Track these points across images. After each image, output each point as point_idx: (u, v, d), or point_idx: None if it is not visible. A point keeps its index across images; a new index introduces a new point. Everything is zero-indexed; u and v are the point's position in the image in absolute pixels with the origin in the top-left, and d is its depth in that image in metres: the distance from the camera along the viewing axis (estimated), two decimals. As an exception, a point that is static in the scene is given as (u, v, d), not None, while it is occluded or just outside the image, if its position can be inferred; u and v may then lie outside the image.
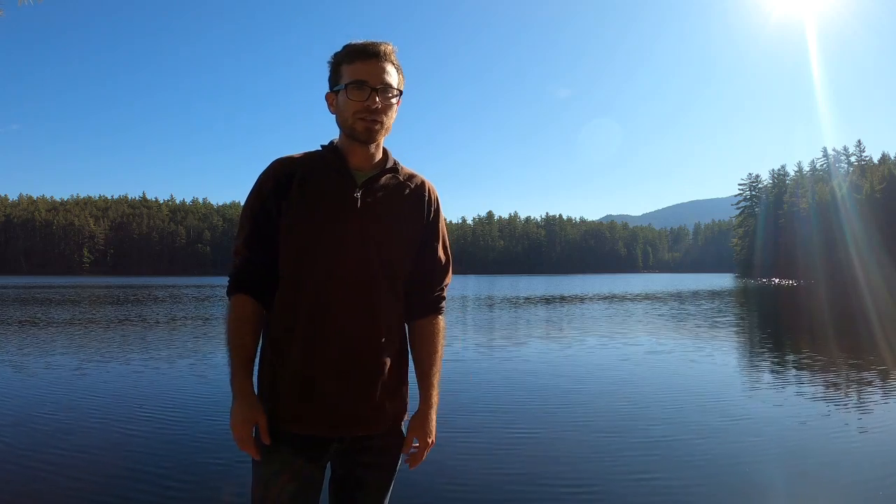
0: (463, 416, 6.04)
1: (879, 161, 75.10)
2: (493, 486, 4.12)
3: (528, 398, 6.95)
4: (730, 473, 4.33)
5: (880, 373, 8.43)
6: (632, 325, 15.69)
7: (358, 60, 1.65)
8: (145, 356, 10.08)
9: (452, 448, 4.94)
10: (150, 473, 4.34)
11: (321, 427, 1.63)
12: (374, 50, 1.65)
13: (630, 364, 9.41)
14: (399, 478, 1.81)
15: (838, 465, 4.53)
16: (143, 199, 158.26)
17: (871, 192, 66.11)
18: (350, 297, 1.63)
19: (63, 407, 6.46)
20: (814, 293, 36.79)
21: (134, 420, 5.91)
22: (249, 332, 1.66)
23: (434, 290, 1.83)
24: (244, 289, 1.68)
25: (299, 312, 1.63)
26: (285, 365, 1.64)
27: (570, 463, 4.59)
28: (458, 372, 8.56)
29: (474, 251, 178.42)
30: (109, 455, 4.76)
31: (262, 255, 1.68)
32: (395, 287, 1.71)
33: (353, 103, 1.63)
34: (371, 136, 1.66)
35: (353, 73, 1.64)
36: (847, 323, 17.12)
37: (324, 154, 1.72)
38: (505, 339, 12.83)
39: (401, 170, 1.77)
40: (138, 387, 7.57)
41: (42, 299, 28.71)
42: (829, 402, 6.66)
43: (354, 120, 1.65)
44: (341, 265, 1.63)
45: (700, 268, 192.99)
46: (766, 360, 9.94)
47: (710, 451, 4.84)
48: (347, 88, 1.63)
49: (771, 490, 4.08)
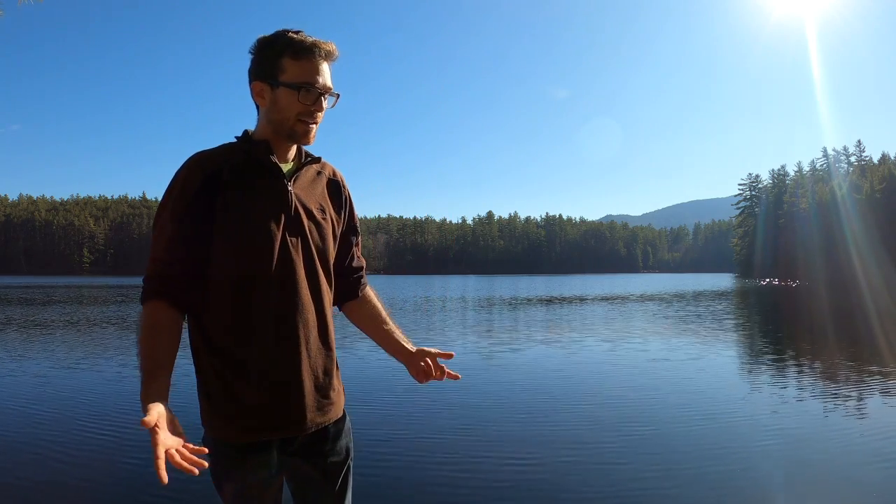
0: (464, 416, 6.04)
1: (879, 161, 75.12)
2: (493, 486, 4.12)
3: (528, 398, 6.95)
4: (730, 473, 4.32)
5: (880, 373, 8.42)
6: (632, 326, 15.69)
7: (306, 59, 1.57)
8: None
9: (453, 448, 4.93)
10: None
11: (292, 428, 1.61)
12: (326, 49, 1.58)
13: (630, 364, 9.39)
14: (397, 477, 1.81)
15: (839, 465, 4.53)
16: (143, 199, 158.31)
17: (871, 192, 66.11)
18: (300, 293, 1.61)
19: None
20: (814, 293, 36.77)
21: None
22: (162, 340, 1.50)
23: (360, 269, 1.88)
24: (162, 295, 1.54)
25: (247, 313, 1.56)
26: (240, 371, 1.56)
27: (570, 462, 4.59)
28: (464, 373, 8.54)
29: (474, 251, 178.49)
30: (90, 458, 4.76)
31: (185, 259, 1.56)
32: (328, 276, 1.72)
33: (299, 105, 1.57)
34: (309, 138, 1.63)
35: (302, 73, 1.57)
36: (847, 323, 17.11)
37: (247, 148, 1.63)
38: (505, 339, 12.82)
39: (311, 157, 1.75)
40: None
41: (37, 300, 28.64)
42: (829, 402, 6.66)
43: (295, 122, 1.59)
44: (289, 261, 1.60)
45: (700, 268, 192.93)
46: (767, 361, 9.92)
47: (710, 451, 4.83)
48: (300, 91, 1.56)
49: (771, 490, 4.07)
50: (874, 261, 55.85)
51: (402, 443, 5.13)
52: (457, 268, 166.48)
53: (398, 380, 7.80)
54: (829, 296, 32.66)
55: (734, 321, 17.52)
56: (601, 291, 39.38)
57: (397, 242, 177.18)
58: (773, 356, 10.50)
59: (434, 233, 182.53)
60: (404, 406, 6.47)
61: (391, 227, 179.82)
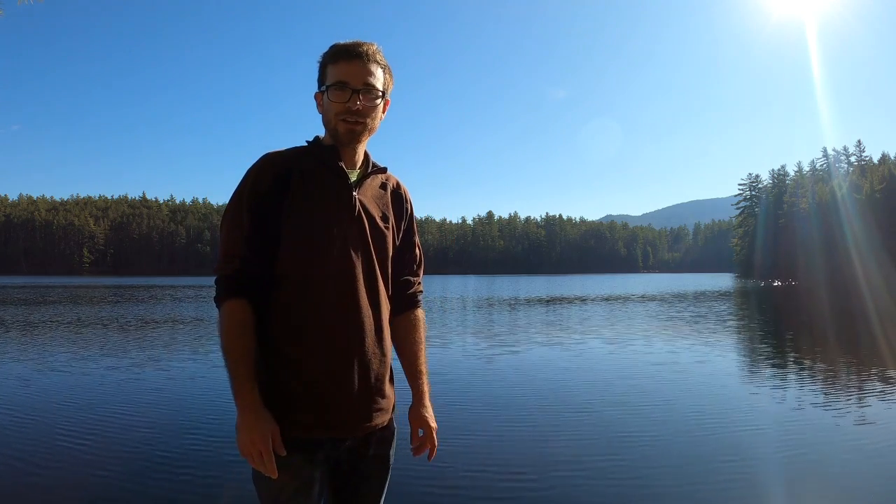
0: (466, 418, 6.02)
1: (879, 161, 75.02)
2: (496, 486, 4.10)
3: (527, 399, 6.93)
4: (730, 473, 4.31)
5: (881, 373, 8.41)
6: (632, 327, 15.69)
7: (341, 61, 1.63)
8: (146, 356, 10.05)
9: (455, 449, 4.92)
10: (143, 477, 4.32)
11: (341, 428, 1.63)
12: (357, 50, 1.64)
13: (630, 364, 9.39)
14: (409, 478, 1.80)
15: (839, 465, 4.52)
16: (143, 199, 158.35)
17: (871, 192, 66.04)
18: (358, 297, 1.64)
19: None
20: (814, 293, 36.76)
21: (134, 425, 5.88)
22: (252, 339, 1.56)
23: (413, 285, 1.87)
24: (243, 292, 1.58)
25: (308, 314, 1.60)
26: (297, 370, 1.59)
27: (570, 461, 4.58)
28: (463, 374, 8.53)
29: (474, 251, 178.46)
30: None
31: (261, 256, 1.60)
32: (387, 285, 1.75)
33: (336, 105, 1.63)
34: (352, 137, 1.66)
35: (336, 75, 1.63)
36: (847, 323, 17.10)
37: (316, 152, 1.69)
38: (505, 341, 12.80)
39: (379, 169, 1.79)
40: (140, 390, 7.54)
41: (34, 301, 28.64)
42: (829, 402, 6.65)
43: (337, 122, 1.64)
44: (346, 265, 1.63)
45: (700, 268, 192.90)
46: (767, 361, 9.92)
47: (710, 451, 4.82)
48: (329, 90, 1.63)
49: (771, 490, 4.06)
50: (874, 261, 55.77)
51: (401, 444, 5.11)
52: (457, 268, 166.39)
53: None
54: (830, 296, 32.66)
55: (735, 322, 17.50)
56: (602, 292, 39.36)
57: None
58: (773, 356, 10.48)
59: (434, 233, 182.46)
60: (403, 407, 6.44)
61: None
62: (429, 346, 1.94)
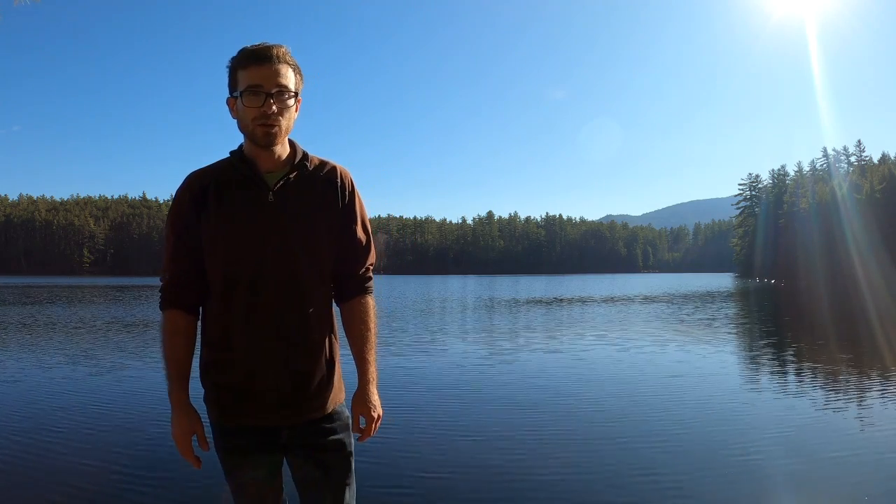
0: (467, 417, 6.02)
1: (879, 161, 75.02)
2: (492, 484, 4.11)
3: (528, 399, 6.94)
4: (730, 473, 4.32)
5: (881, 373, 8.42)
6: (632, 328, 15.70)
7: (252, 65, 1.66)
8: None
9: (456, 449, 4.92)
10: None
11: (269, 416, 1.74)
12: (267, 53, 1.66)
13: (629, 364, 9.40)
14: (397, 472, 1.80)
15: (839, 465, 4.52)
16: (143, 199, 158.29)
17: (871, 192, 66.05)
18: (280, 293, 1.71)
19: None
20: (814, 293, 36.77)
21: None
22: (183, 345, 1.77)
23: (359, 271, 1.89)
24: (175, 303, 1.78)
25: (234, 314, 1.72)
26: (226, 362, 1.73)
27: (571, 461, 4.59)
28: (465, 374, 8.53)
29: (474, 251, 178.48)
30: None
31: (189, 269, 1.77)
32: (322, 275, 1.80)
33: (251, 110, 1.67)
34: (270, 140, 1.71)
35: (248, 79, 1.66)
36: (847, 323, 17.11)
37: (233, 162, 1.76)
38: (505, 342, 12.80)
39: (310, 161, 1.81)
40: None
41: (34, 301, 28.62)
42: (829, 402, 6.66)
43: (254, 126, 1.68)
44: (267, 265, 1.70)
45: (700, 268, 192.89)
46: (767, 361, 9.92)
47: (710, 451, 4.83)
48: (243, 95, 1.67)
49: (771, 490, 4.07)
50: (874, 261, 55.78)
51: (401, 443, 5.12)
52: (457, 268, 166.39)
53: (398, 380, 7.80)
54: (830, 296, 32.66)
55: (736, 322, 17.52)
56: (603, 292, 39.38)
57: (397, 242, 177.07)
58: (773, 356, 10.49)
59: (434, 233, 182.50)
60: (402, 405, 6.45)
61: (391, 227, 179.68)
62: (429, 347, 1.95)
